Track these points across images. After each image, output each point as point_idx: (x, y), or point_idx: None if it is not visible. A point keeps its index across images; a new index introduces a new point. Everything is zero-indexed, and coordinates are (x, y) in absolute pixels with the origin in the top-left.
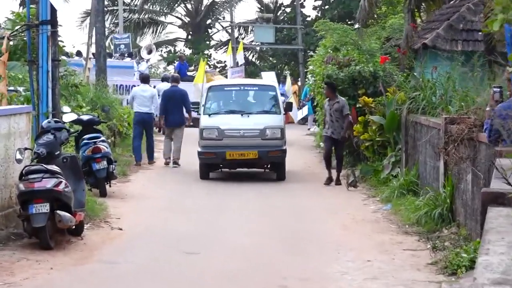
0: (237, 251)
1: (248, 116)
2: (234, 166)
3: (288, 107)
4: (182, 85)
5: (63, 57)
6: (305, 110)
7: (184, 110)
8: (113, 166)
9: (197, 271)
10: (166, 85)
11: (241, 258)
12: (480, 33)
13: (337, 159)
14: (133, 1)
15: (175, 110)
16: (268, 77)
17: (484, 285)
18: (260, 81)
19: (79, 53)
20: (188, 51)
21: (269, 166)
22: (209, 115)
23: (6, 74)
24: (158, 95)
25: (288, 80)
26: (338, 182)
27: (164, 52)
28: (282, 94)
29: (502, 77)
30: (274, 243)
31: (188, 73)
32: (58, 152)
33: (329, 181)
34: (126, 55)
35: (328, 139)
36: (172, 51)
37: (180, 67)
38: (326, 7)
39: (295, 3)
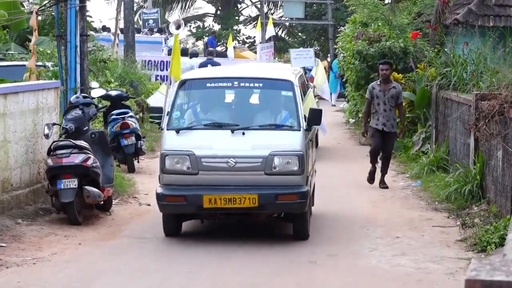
0: (264, 227)
1: (244, 133)
2: (219, 216)
3: (314, 116)
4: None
5: (91, 32)
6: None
7: None
8: (141, 142)
9: (226, 246)
10: (196, 61)
11: (269, 235)
12: None
13: (384, 156)
14: None
15: None
16: (300, 57)
17: None
18: (268, 72)
19: (105, 28)
20: (217, 27)
21: (282, 214)
22: (177, 130)
23: (35, 49)
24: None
25: (320, 65)
26: (383, 185)
27: (193, 28)
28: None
29: None
30: None
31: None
32: (87, 127)
33: (372, 176)
34: (155, 30)
35: (378, 133)
36: (201, 27)
37: (212, 41)
38: None
39: None
